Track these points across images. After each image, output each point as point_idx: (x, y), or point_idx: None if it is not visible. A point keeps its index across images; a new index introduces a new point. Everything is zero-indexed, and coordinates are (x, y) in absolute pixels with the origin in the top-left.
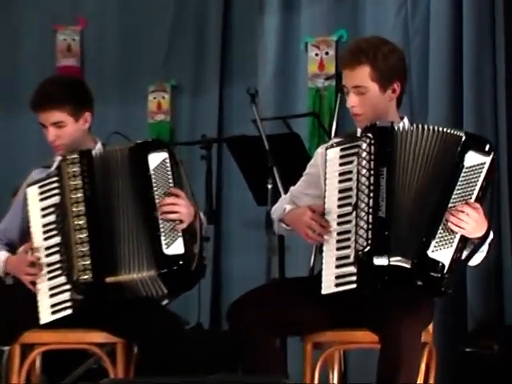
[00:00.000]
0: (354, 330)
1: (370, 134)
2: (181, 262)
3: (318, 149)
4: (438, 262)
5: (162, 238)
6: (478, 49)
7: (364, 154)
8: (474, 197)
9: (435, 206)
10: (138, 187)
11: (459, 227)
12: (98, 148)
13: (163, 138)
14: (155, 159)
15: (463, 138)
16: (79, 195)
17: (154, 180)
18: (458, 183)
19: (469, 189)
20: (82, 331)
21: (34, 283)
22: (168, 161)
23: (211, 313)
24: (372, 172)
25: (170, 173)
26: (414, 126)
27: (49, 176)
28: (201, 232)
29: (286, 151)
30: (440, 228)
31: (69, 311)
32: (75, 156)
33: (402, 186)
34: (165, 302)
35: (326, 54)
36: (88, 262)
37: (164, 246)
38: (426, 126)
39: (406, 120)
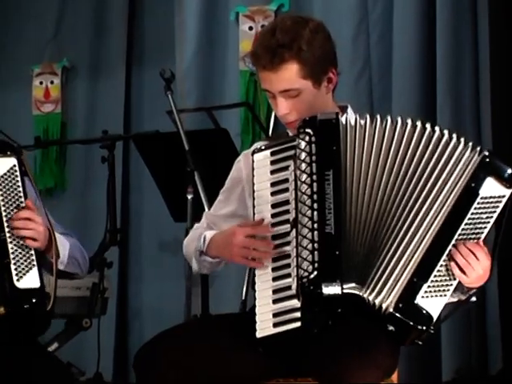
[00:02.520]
0: (296, 380)
1: (309, 130)
2: (34, 300)
3: (239, 156)
4: (425, 312)
5: (12, 267)
6: (454, 21)
7: (303, 156)
8: (483, 236)
9: (438, 237)
10: None
11: (463, 273)
12: None
13: (52, 134)
14: (1, 166)
15: (484, 155)
16: None
17: (0, 192)
18: (470, 213)
19: (481, 225)
20: None
21: None
22: (17, 168)
23: (114, 360)
24: (315, 177)
25: (19, 183)
26: (367, 117)
27: None
28: (56, 262)
29: (211, 151)
30: (438, 267)
31: None
32: None
33: (354, 193)
34: (53, 346)
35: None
36: None
37: (14, 278)
38: (386, 118)
39: (350, 110)
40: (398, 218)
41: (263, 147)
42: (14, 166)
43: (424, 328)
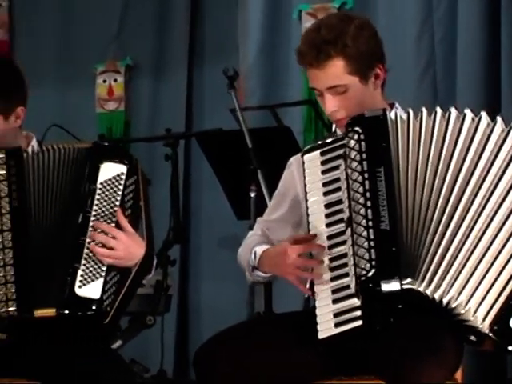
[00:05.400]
0: (361, 378)
1: (357, 128)
2: (89, 310)
3: (290, 159)
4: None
5: (79, 273)
6: None
7: (353, 154)
8: None
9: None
10: (74, 200)
11: None
12: (32, 146)
13: (116, 132)
14: (108, 171)
15: None
16: (3, 205)
17: (97, 197)
18: None
19: None
20: (7, 380)
21: None
22: (124, 177)
23: (176, 357)
24: (366, 175)
25: (120, 193)
26: (411, 112)
27: None
28: (134, 281)
29: (274, 149)
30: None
31: None
32: (1, 156)
33: (408, 188)
34: (117, 343)
35: None
36: (12, 291)
37: (77, 284)
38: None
39: (398, 106)
40: (452, 209)
41: (313, 148)
42: (122, 174)
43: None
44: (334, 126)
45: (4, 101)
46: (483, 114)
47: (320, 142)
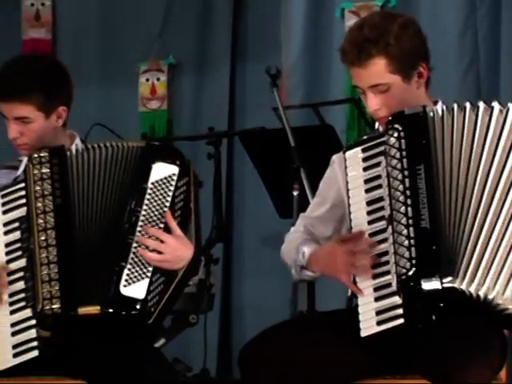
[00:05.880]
0: (404, 377)
1: (397, 125)
2: (133, 309)
3: (333, 157)
4: None
5: (125, 272)
6: None
7: (393, 152)
8: None
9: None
10: (123, 199)
11: None
12: (75, 145)
13: (158, 131)
14: (160, 171)
15: None
16: (47, 203)
17: (147, 196)
18: None
19: None
20: (52, 379)
21: None
22: (175, 178)
23: (219, 356)
24: (406, 173)
25: (171, 194)
26: (455, 107)
27: (15, 181)
28: (181, 283)
29: (317, 148)
30: None
31: (35, 353)
32: (44, 154)
33: (444, 186)
34: (160, 342)
35: None
36: (56, 288)
37: (122, 283)
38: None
39: (440, 104)
40: (493, 206)
41: (354, 144)
42: (173, 175)
43: None
44: (376, 124)
45: (46, 98)
46: None
47: (361, 139)
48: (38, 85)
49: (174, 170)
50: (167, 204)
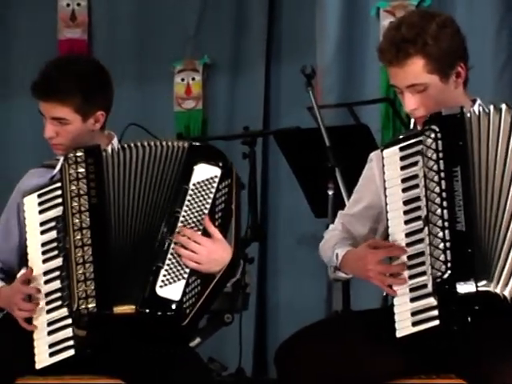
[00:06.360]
0: (439, 377)
1: (434, 127)
2: (168, 310)
3: (371, 154)
4: None
5: (161, 272)
6: None
7: (430, 153)
8: None
9: None
10: (162, 199)
11: None
12: (112, 144)
13: (193, 130)
14: (202, 173)
15: None
16: (83, 203)
17: (188, 198)
18: None
19: None
20: (88, 378)
21: (29, 321)
22: (217, 181)
23: (255, 355)
24: (442, 175)
25: (212, 196)
26: (492, 108)
27: (51, 181)
28: (218, 286)
29: (352, 147)
30: None
31: (71, 352)
32: (80, 154)
33: (480, 188)
34: (196, 341)
35: None
36: (92, 288)
37: (158, 283)
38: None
39: (478, 103)
40: None
41: (392, 143)
42: (215, 176)
43: None
44: (412, 123)
45: (84, 101)
46: None
47: (399, 137)
48: (76, 87)
49: (216, 171)
50: (207, 206)
